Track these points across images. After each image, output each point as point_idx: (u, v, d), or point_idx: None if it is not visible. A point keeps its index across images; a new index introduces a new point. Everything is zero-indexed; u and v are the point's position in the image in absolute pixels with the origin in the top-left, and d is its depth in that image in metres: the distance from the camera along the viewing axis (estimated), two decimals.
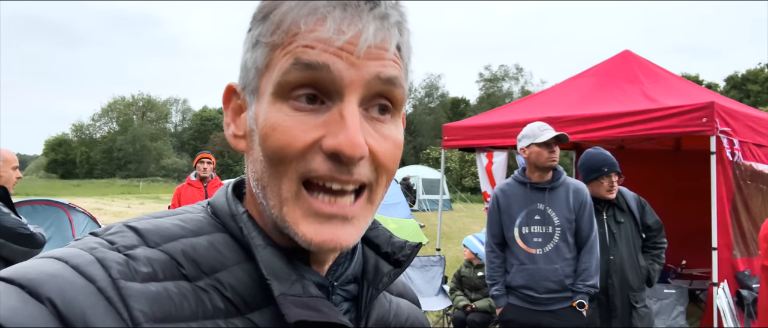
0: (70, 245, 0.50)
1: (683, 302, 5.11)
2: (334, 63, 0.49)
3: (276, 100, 0.51)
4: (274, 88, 0.51)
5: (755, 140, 5.29)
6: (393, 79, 0.52)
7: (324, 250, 0.52)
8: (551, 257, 2.89)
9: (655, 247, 3.42)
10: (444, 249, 7.97)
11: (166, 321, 0.46)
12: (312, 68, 0.49)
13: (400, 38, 0.53)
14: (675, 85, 6.06)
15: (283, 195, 0.51)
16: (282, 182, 0.51)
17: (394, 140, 0.54)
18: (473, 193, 29.56)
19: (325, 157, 0.50)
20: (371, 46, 0.50)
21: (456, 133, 6.84)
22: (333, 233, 0.51)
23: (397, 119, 0.56)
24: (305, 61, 0.49)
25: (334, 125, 0.50)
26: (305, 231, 0.51)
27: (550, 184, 2.96)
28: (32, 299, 0.43)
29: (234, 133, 0.58)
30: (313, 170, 0.50)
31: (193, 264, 0.51)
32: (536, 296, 2.89)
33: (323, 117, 0.51)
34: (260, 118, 0.53)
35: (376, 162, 0.53)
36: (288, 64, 0.50)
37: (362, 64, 0.50)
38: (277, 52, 0.51)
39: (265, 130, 0.51)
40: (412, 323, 0.71)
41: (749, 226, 5.05)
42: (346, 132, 0.49)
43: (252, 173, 0.55)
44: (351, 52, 0.50)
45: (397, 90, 0.53)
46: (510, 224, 2.99)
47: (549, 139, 2.87)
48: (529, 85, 55.33)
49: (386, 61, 0.52)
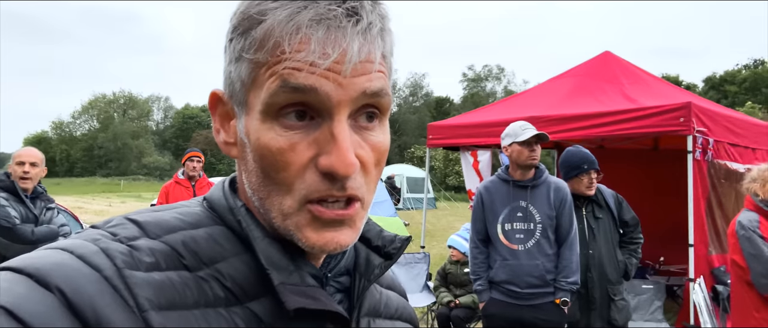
0: (73, 237, 0.52)
1: (661, 298, 5.23)
2: (321, 85, 0.50)
3: (266, 119, 0.52)
4: (262, 107, 0.52)
5: (730, 140, 5.42)
6: (379, 91, 0.53)
7: (326, 252, 0.54)
8: (533, 253, 2.95)
9: (631, 242, 3.51)
10: (428, 247, 8.03)
11: (171, 308, 0.48)
12: (299, 91, 0.50)
13: (383, 47, 0.54)
14: (654, 86, 6.19)
15: (285, 211, 0.53)
16: (284, 199, 0.53)
17: (381, 147, 0.56)
18: (457, 191, 29.69)
19: (320, 176, 0.52)
20: (356, 63, 0.51)
21: (441, 132, 6.89)
22: (333, 236, 0.54)
23: (384, 122, 0.57)
24: (293, 85, 0.50)
25: (326, 145, 0.51)
26: (309, 236, 0.53)
27: (532, 182, 3.02)
28: (41, 288, 0.44)
29: (225, 141, 0.59)
30: (312, 191, 0.52)
31: (194, 255, 0.52)
32: (518, 290, 2.95)
33: (314, 134, 0.52)
34: (252, 135, 0.54)
35: (365, 170, 0.55)
36: (275, 86, 0.50)
37: (349, 83, 0.51)
38: (262, 70, 0.52)
39: (260, 151, 0.53)
40: (401, 313, 0.74)
41: (723, 223, 5.18)
42: (337, 152, 0.50)
43: (247, 180, 0.57)
44: (338, 72, 0.50)
45: (383, 99, 0.54)
46: (493, 220, 3.05)
47: (529, 138, 2.94)
48: (511, 85, 55.84)
49: (372, 75, 0.52)
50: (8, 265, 0.47)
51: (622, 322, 3.31)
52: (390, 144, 0.59)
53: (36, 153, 3.47)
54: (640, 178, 6.71)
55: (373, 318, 0.67)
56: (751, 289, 2.92)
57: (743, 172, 5.20)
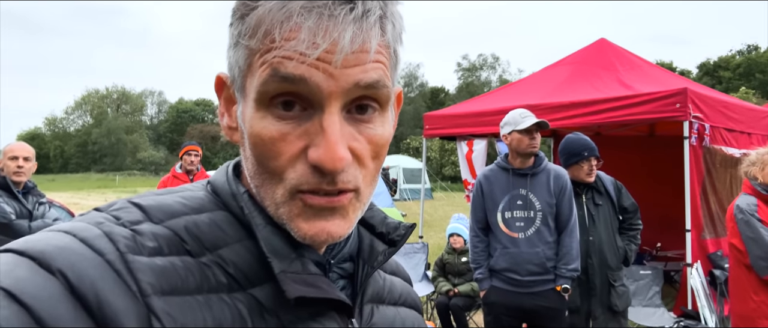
0: (77, 219, 0.51)
1: (658, 283, 5.27)
2: (311, 75, 0.49)
3: (259, 108, 0.52)
4: (255, 95, 0.51)
5: (726, 125, 5.44)
6: (374, 83, 0.51)
7: (317, 242, 0.53)
8: (533, 241, 2.95)
9: (631, 228, 3.53)
10: (426, 237, 8.05)
11: (173, 293, 0.47)
12: (289, 81, 0.49)
13: (383, 36, 0.52)
14: (650, 73, 6.19)
15: (277, 199, 0.53)
16: (275, 188, 0.53)
17: (379, 141, 0.54)
18: (453, 182, 29.76)
19: (310, 168, 0.50)
20: (349, 53, 0.49)
21: (437, 122, 6.88)
22: (324, 226, 0.52)
23: (385, 114, 0.55)
24: (282, 74, 0.49)
25: (316, 136, 0.50)
26: (300, 226, 0.52)
27: (531, 170, 3.01)
28: (43, 271, 0.43)
29: (228, 125, 0.59)
30: (302, 183, 0.51)
31: (196, 240, 0.52)
32: (519, 278, 2.95)
33: (306, 125, 0.51)
34: (247, 123, 0.53)
35: (361, 163, 0.53)
36: (266, 75, 0.49)
37: (341, 74, 0.49)
38: (255, 57, 0.51)
39: (253, 139, 0.52)
40: (405, 299, 0.73)
41: (718, 208, 5.21)
42: (326, 146, 0.49)
43: (246, 167, 0.56)
44: (328, 62, 0.49)
45: (380, 91, 0.52)
46: (493, 209, 3.05)
47: (529, 125, 2.92)
48: (506, 74, 55.84)
49: (366, 66, 0.50)
50: (10, 247, 0.46)
51: (623, 307, 3.33)
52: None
53: (28, 147, 3.45)
54: (636, 165, 6.74)
55: (377, 305, 0.66)
56: (749, 272, 2.94)
57: (739, 157, 5.23)
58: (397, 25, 0.54)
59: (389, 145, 0.57)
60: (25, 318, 0.41)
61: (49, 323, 0.41)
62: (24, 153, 3.35)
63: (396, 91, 0.61)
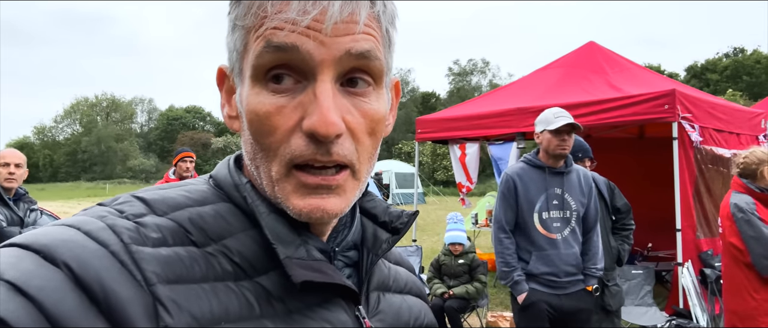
0: (80, 214, 0.51)
1: (650, 283, 5.30)
2: (302, 43, 0.49)
3: (255, 84, 0.52)
4: (251, 71, 0.52)
5: (715, 126, 5.51)
6: (366, 52, 0.52)
7: (312, 219, 0.53)
8: (569, 241, 2.86)
9: (624, 228, 3.55)
10: (419, 241, 8.05)
11: (179, 282, 0.47)
12: (282, 50, 0.50)
13: (371, 8, 0.53)
14: (638, 75, 6.26)
15: (274, 176, 0.53)
16: (272, 164, 0.53)
17: (374, 115, 0.54)
18: (445, 186, 29.81)
19: (306, 139, 0.51)
20: (338, 22, 0.50)
21: (429, 126, 6.91)
22: (319, 203, 0.52)
23: (380, 90, 0.56)
24: (275, 44, 0.50)
25: (310, 106, 0.51)
26: (295, 203, 0.53)
27: (565, 168, 2.91)
28: (48, 264, 0.44)
29: (228, 115, 0.60)
30: (297, 155, 0.51)
31: (201, 231, 0.52)
32: (557, 280, 2.83)
33: (299, 97, 0.51)
34: (244, 101, 0.54)
35: (356, 138, 0.53)
36: (260, 47, 0.51)
37: (331, 42, 0.50)
38: (251, 35, 0.52)
39: (249, 116, 0.53)
40: (411, 287, 0.73)
41: (711, 207, 5.26)
42: (318, 112, 0.49)
43: (246, 152, 0.57)
44: (319, 31, 0.49)
45: (373, 63, 0.53)
46: (529, 209, 2.87)
47: (560, 126, 2.78)
48: (496, 78, 56.08)
49: (357, 35, 0.51)
50: (14, 241, 0.47)
51: (616, 307, 3.35)
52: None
53: (19, 154, 3.42)
54: (627, 167, 6.79)
55: (383, 292, 0.67)
56: (748, 271, 2.94)
57: (730, 157, 5.28)
58: (389, 7, 0.55)
59: (380, 150, 0.58)
60: (31, 310, 0.41)
61: (55, 314, 0.41)
62: (15, 159, 3.32)
63: (393, 80, 0.62)
